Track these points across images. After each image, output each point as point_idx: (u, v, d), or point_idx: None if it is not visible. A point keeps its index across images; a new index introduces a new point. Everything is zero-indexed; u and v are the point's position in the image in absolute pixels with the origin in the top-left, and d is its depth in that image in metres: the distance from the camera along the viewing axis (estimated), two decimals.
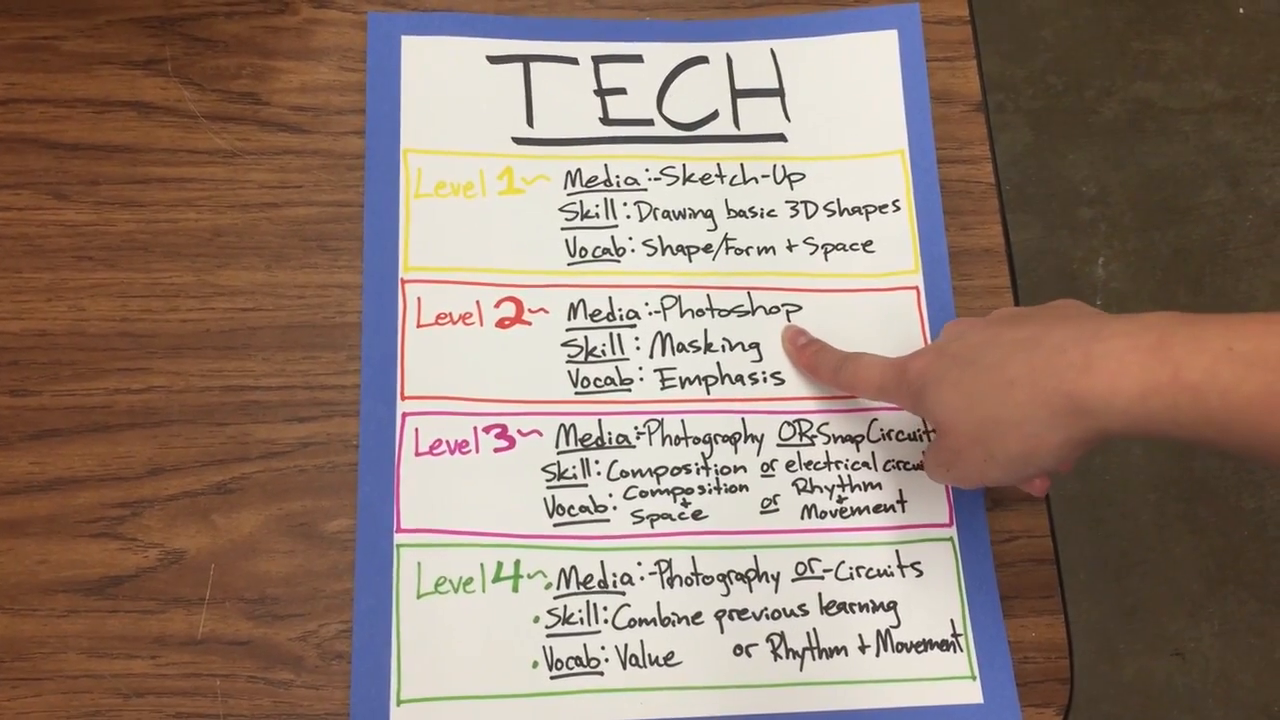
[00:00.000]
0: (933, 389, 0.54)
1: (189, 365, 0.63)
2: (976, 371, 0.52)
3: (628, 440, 0.63)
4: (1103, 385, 0.47)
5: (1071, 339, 0.49)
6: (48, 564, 0.60)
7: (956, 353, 0.54)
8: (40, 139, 0.66)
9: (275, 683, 0.58)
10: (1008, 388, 0.50)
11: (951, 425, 0.53)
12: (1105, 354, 0.47)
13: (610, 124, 0.69)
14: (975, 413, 0.52)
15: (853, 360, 0.61)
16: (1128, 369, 0.46)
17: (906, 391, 0.56)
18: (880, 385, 0.58)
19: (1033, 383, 0.49)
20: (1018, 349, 0.51)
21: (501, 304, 0.65)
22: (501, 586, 0.60)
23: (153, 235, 0.65)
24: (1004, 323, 0.55)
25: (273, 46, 0.69)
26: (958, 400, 0.52)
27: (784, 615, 0.60)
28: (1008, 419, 0.50)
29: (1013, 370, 0.50)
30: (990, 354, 0.52)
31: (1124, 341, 0.47)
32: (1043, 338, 0.50)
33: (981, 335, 0.54)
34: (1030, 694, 0.60)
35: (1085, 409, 0.48)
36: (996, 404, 0.50)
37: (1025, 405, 0.49)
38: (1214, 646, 1.39)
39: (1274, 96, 1.63)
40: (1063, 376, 0.48)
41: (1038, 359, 0.49)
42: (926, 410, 0.55)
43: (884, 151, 0.69)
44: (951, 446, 0.54)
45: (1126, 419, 0.47)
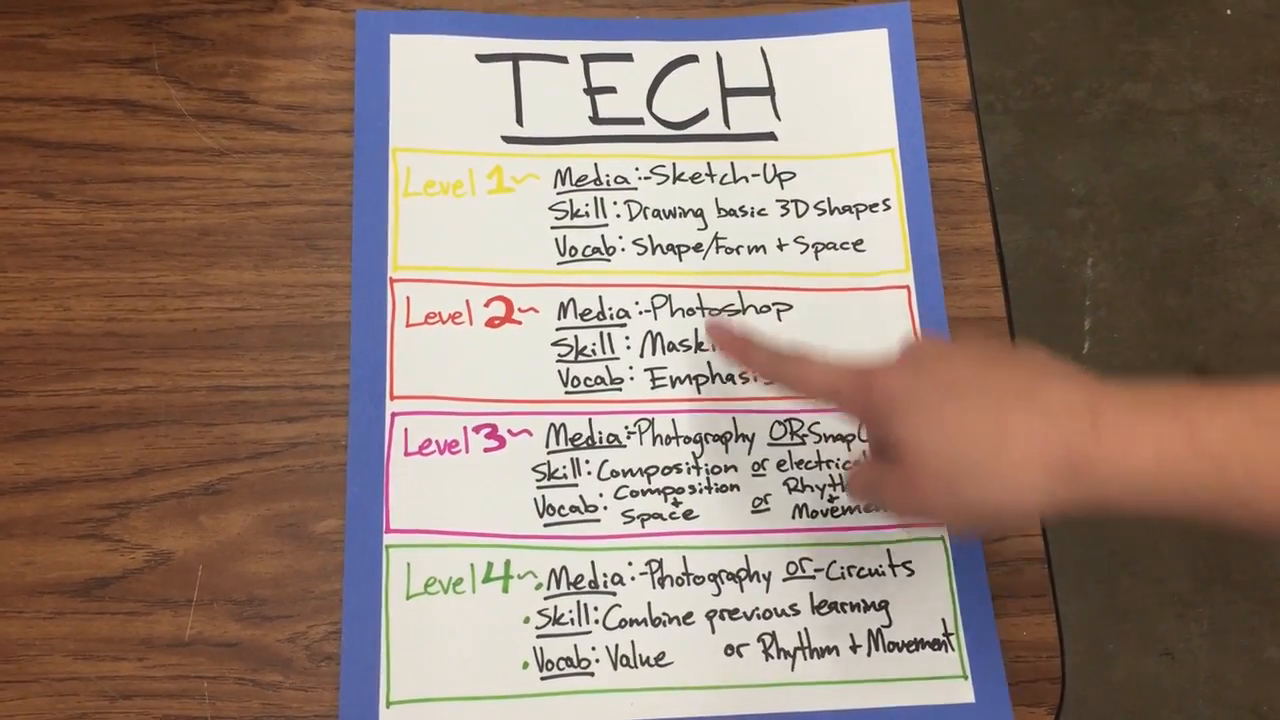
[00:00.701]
0: (906, 413, 0.49)
1: (176, 365, 0.63)
2: (965, 410, 0.48)
3: (618, 440, 0.63)
4: (1113, 449, 0.44)
5: (1079, 399, 0.46)
6: (34, 565, 0.59)
7: (939, 381, 0.50)
8: (26, 137, 0.66)
9: (264, 684, 0.58)
10: (1001, 436, 0.47)
11: (917, 455, 0.49)
12: (1116, 418, 0.45)
13: (600, 123, 0.69)
14: (952, 451, 0.48)
15: (796, 358, 0.55)
16: (1142, 435, 0.44)
17: (865, 405, 0.52)
18: (832, 389, 0.53)
19: (1032, 437, 0.46)
20: (1015, 397, 0.48)
21: (491, 303, 0.65)
22: (492, 587, 0.60)
23: (139, 234, 0.65)
24: (988, 361, 0.51)
25: (260, 45, 0.69)
26: (934, 432, 0.48)
27: (775, 615, 0.60)
28: (992, 468, 0.47)
29: (1010, 420, 0.47)
30: (982, 395, 0.48)
31: (1135, 408, 0.45)
32: (1041, 391, 0.47)
33: (968, 369, 0.50)
34: (1021, 693, 0.60)
35: (1088, 473, 0.45)
36: (983, 450, 0.47)
37: (1018, 459, 0.46)
38: (1203, 647, 1.39)
39: (1262, 98, 1.64)
40: (1069, 437, 0.45)
41: (1038, 412, 0.46)
42: (891, 430, 0.50)
43: (874, 150, 0.69)
44: (909, 476, 0.49)
45: (1133, 488, 0.44)
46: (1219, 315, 1.54)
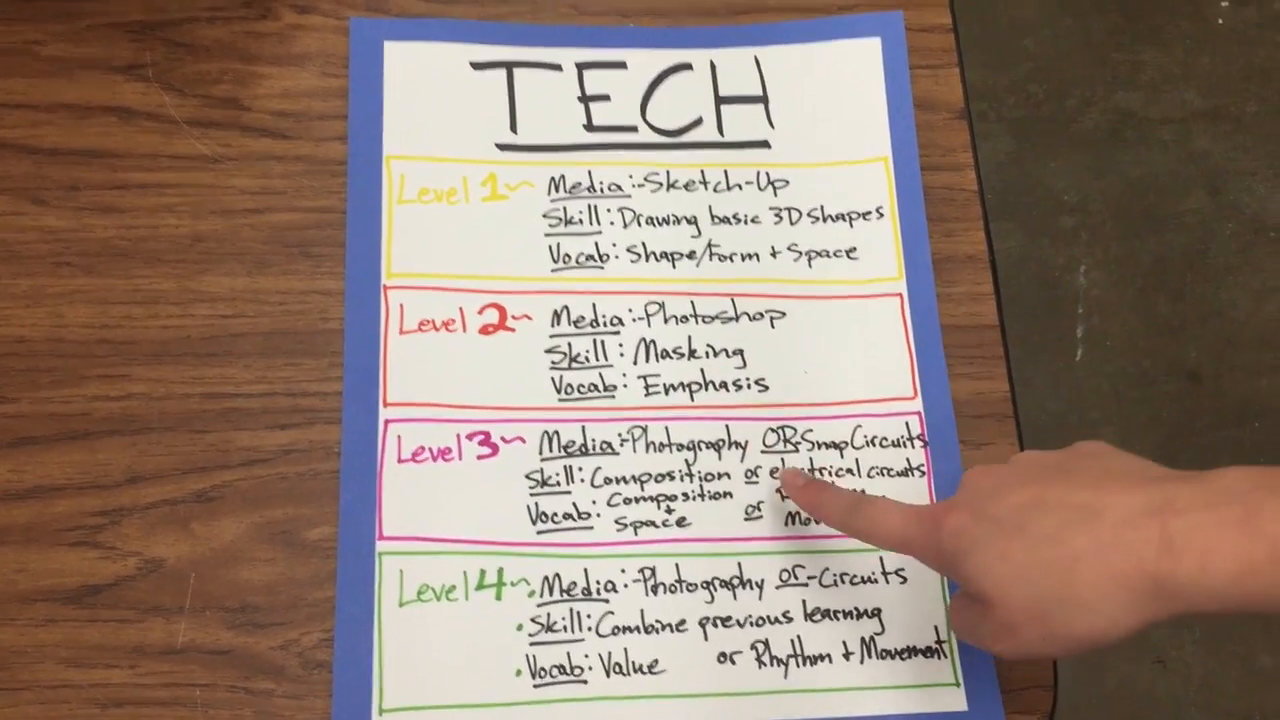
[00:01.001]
0: (974, 556, 0.48)
1: (169, 372, 0.63)
2: (1027, 541, 0.47)
3: (611, 447, 0.63)
4: (1190, 567, 0.43)
5: (1141, 511, 0.45)
6: (25, 573, 0.59)
7: (998, 516, 0.48)
8: (19, 144, 0.66)
9: (256, 692, 0.58)
10: (1072, 564, 0.46)
11: (1001, 599, 0.48)
12: (1188, 531, 0.44)
13: (594, 130, 0.69)
14: (1032, 589, 0.47)
15: (868, 504, 0.55)
16: (1217, 549, 0.43)
17: (937, 551, 0.51)
18: (903, 538, 0.53)
19: (1103, 561, 0.45)
20: (1075, 518, 0.46)
21: (485, 310, 0.65)
22: (484, 594, 0.60)
23: (133, 241, 0.65)
24: (1043, 479, 0.49)
25: (255, 52, 0.69)
26: (1008, 572, 0.47)
27: (768, 622, 0.60)
28: (1074, 599, 0.46)
29: (1075, 544, 0.46)
30: (1041, 521, 0.47)
31: (1206, 516, 0.44)
32: (1102, 506, 0.46)
33: (1023, 495, 0.49)
34: (1014, 700, 0.60)
35: (1171, 591, 0.44)
36: (1060, 582, 0.46)
37: (1097, 585, 0.45)
38: (1196, 655, 1.40)
39: (1253, 106, 1.65)
40: (1141, 555, 0.44)
41: (1104, 533, 0.45)
42: (965, 577, 0.49)
43: (867, 158, 0.69)
44: (1002, 620, 0.48)
45: (1220, 600, 0.43)
46: (1211, 322, 1.55)
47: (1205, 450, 1.48)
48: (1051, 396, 1.50)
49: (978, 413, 0.65)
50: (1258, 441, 1.49)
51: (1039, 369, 1.51)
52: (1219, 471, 0.46)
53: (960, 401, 0.65)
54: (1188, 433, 1.49)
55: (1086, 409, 1.50)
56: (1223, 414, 1.50)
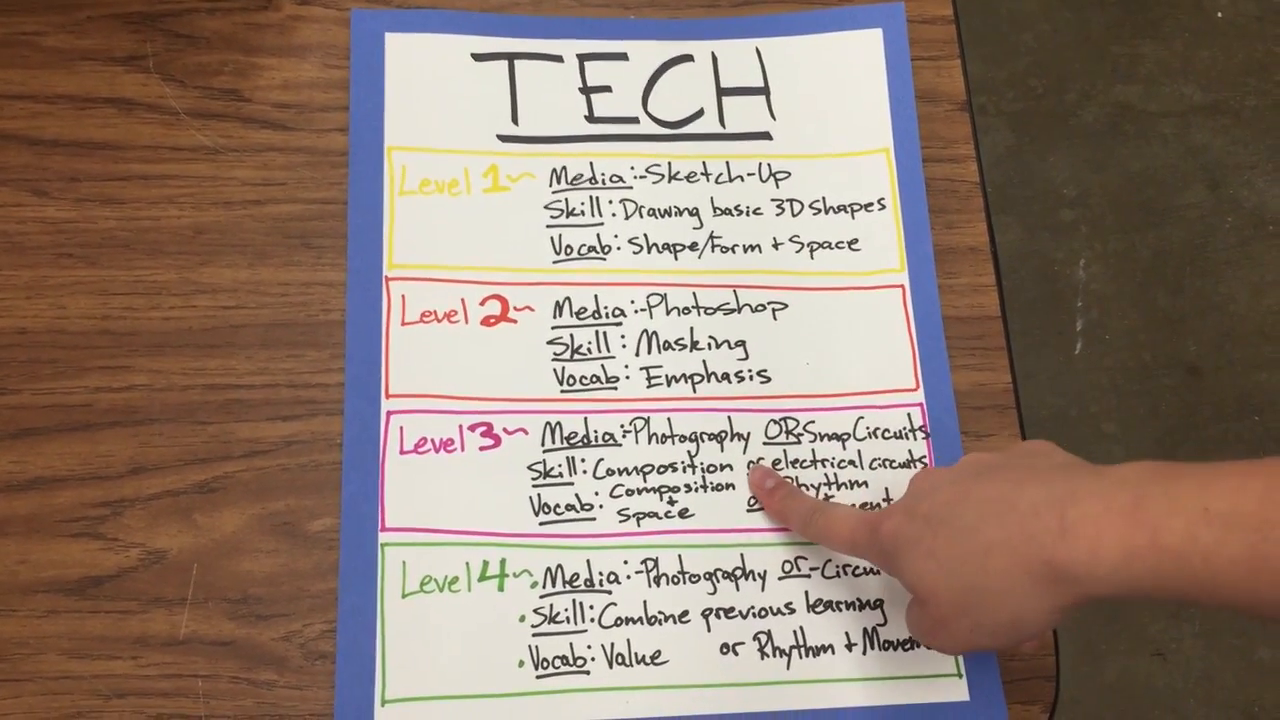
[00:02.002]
0: (906, 554, 0.51)
1: (171, 363, 0.62)
2: (950, 535, 0.50)
3: (614, 439, 0.63)
4: (1082, 552, 0.45)
5: (1044, 501, 0.47)
6: (27, 564, 0.59)
7: (927, 513, 0.51)
8: (20, 135, 0.66)
9: (258, 683, 0.58)
10: (985, 555, 0.48)
11: (931, 594, 0.50)
12: (1080, 519, 0.46)
13: (595, 122, 0.69)
14: (955, 581, 0.49)
15: (823, 512, 0.58)
16: (1105, 535, 0.45)
17: (878, 552, 0.54)
18: (851, 541, 0.56)
19: (1010, 550, 0.47)
20: (990, 511, 0.49)
21: (487, 302, 0.64)
22: (487, 586, 0.60)
23: (134, 233, 0.65)
24: (973, 477, 0.52)
25: (255, 43, 0.69)
26: (934, 568, 0.50)
27: (771, 614, 0.60)
28: (989, 588, 0.48)
29: (988, 536, 0.48)
30: (962, 516, 0.50)
31: (1098, 504, 0.46)
32: (1015, 498, 0.48)
33: (950, 492, 0.51)
34: (1016, 691, 0.60)
35: (1067, 576, 0.46)
36: (976, 572, 0.48)
37: (1006, 574, 0.47)
38: (1195, 647, 1.40)
39: (1252, 100, 1.65)
40: (1041, 543, 0.46)
41: (1012, 523, 0.48)
42: (901, 575, 0.52)
43: (869, 150, 0.69)
44: (934, 616, 0.51)
45: (1110, 584, 0.45)
46: (1210, 316, 1.55)
47: (1205, 443, 1.48)
48: (1051, 390, 1.50)
49: (979, 404, 0.65)
50: (1258, 435, 1.49)
51: (1039, 363, 1.51)
52: (1124, 465, 0.47)
53: (962, 393, 0.65)
54: (1187, 426, 1.49)
55: (1086, 403, 1.50)
56: (1222, 407, 1.50)
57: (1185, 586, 0.44)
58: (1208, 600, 0.44)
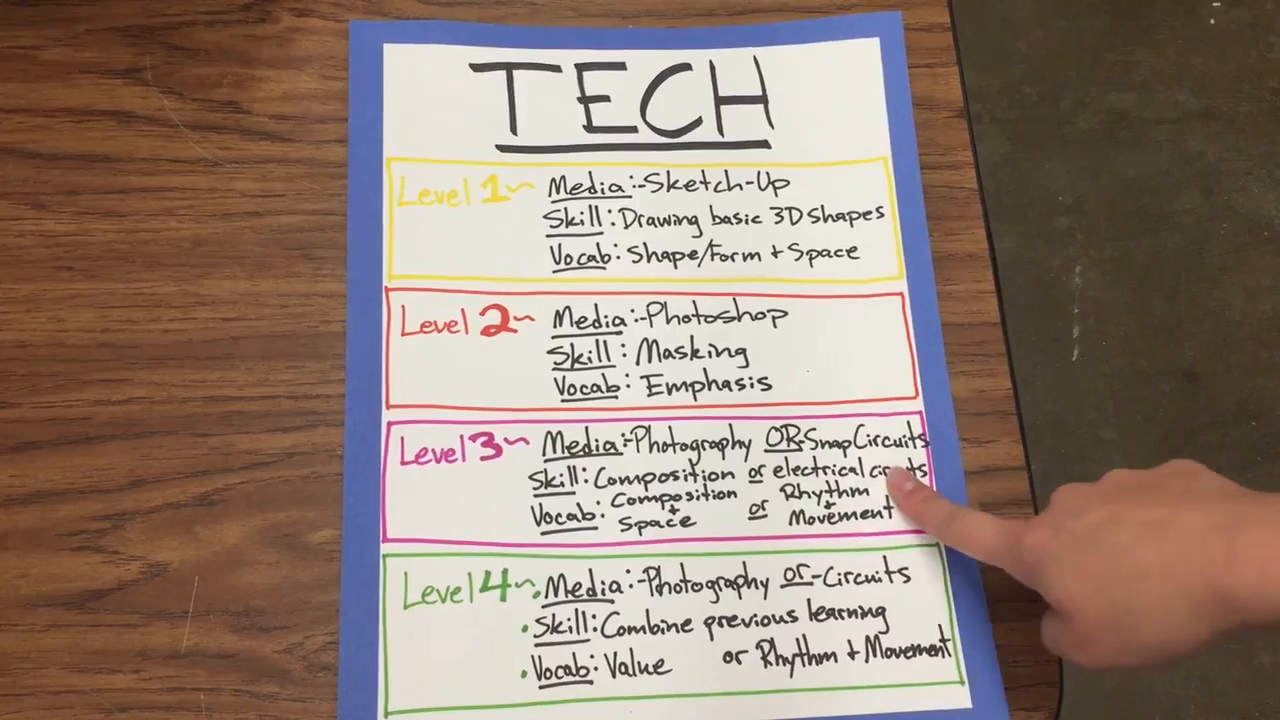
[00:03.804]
0: (1052, 570, 0.51)
1: (171, 376, 0.62)
2: (1101, 555, 0.49)
3: (615, 447, 0.63)
4: (1251, 580, 0.45)
5: (1210, 526, 0.47)
6: (28, 578, 0.59)
7: (1075, 531, 0.51)
8: (19, 148, 0.66)
9: (261, 695, 0.57)
10: (1140, 577, 0.48)
11: (1077, 611, 0.50)
12: (1250, 545, 0.45)
13: (594, 131, 0.69)
14: (1104, 601, 0.49)
15: (963, 517, 0.58)
16: (1276, 563, 0.45)
17: (1020, 565, 0.53)
18: (991, 550, 0.55)
19: (1169, 573, 0.47)
20: (1147, 533, 0.48)
21: (487, 311, 0.65)
22: (489, 596, 0.59)
23: (133, 245, 0.65)
24: (1125, 497, 0.51)
25: (254, 55, 0.69)
26: (1083, 586, 0.50)
27: (773, 622, 0.60)
28: (1142, 610, 0.48)
29: (1144, 558, 0.48)
30: (1115, 536, 0.49)
31: (1269, 532, 0.45)
32: (1173, 522, 0.48)
33: (1101, 513, 0.51)
34: (1019, 698, 0.60)
35: (1232, 603, 0.46)
36: (1127, 593, 0.48)
37: (1162, 597, 0.47)
38: None
39: (1246, 106, 1.65)
40: (1204, 569, 0.46)
41: (1171, 547, 0.47)
42: (1045, 590, 0.52)
43: (867, 158, 0.69)
44: (1080, 632, 0.51)
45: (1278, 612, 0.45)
46: (1207, 322, 1.55)
47: (1203, 449, 1.48)
48: (1048, 397, 1.50)
49: (980, 410, 0.65)
50: (1254, 440, 1.49)
51: (1036, 370, 1.52)
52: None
53: (962, 400, 0.65)
54: (1185, 432, 1.49)
55: (1084, 409, 1.50)
56: (1219, 413, 1.51)
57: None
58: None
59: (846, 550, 0.62)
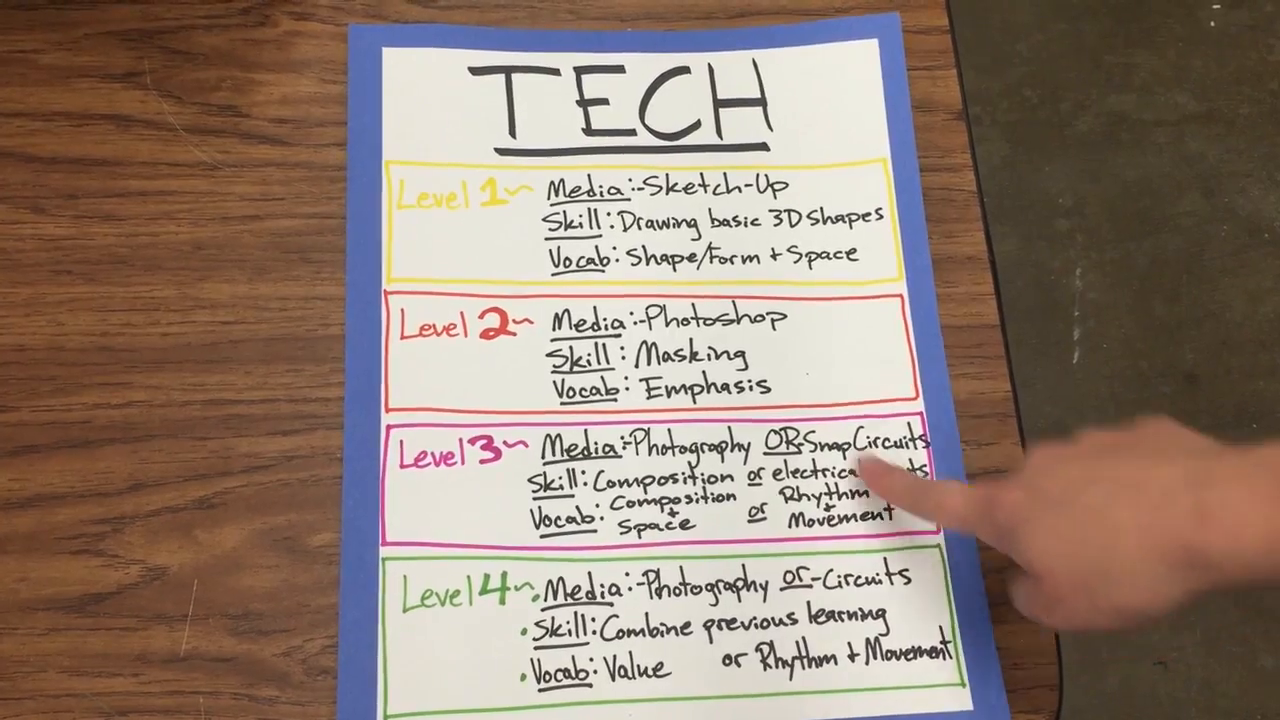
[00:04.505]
0: (1025, 532, 0.50)
1: (170, 379, 0.62)
2: (1075, 515, 0.49)
3: (614, 450, 0.63)
4: (1223, 538, 0.44)
5: (1181, 483, 0.46)
6: (27, 582, 0.59)
7: (1048, 492, 0.50)
8: (18, 152, 0.66)
9: (260, 699, 0.57)
10: (1113, 536, 0.47)
11: (1049, 572, 0.49)
12: (1222, 503, 0.45)
13: (593, 134, 0.69)
14: (1077, 562, 0.48)
15: (934, 488, 0.58)
16: (1249, 520, 0.44)
17: (993, 529, 0.52)
18: (963, 517, 0.55)
19: (1142, 533, 0.46)
20: (1120, 492, 0.48)
21: (486, 315, 0.65)
22: (489, 599, 0.59)
23: (132, 249, 0.65)
24: (1098, 456, 0.51)
25: (253, 59, 0.69)
26: (1056, 546, 0.49)
27: (773, 624, 0.60)
28: (1116, 570, 0.47)
29: (1118, 517, 0.47)
30: (1088, 496, 0.49)
31: (1241, 488, 0.45)
32: (1146, 480, 0.47)
33: (1075, 471, 0.50)
34: (1020, 700, 0.60)
35: (1205, 562, 0.45)
36: (1101, 553, 0.48)
37: (1136, 557, 0.47)
38: (1197, 655, 1.40)
39: (1246, 108, 1.65)
40: (1177, 528, 0.45)
41: (1145, 506, 0.47)
42: (1018, 553, 0.51)
43: (866, 160, 0.69)
44: (1052, 594, 0.50)
45: (1251, 570, 0.44)
46: (1207, 324, 1.55)
47: None
48: (1049, 399, 1.50)
49: (979, 412, 0.65)
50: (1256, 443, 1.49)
51: (1036, 372, 1.52)
52: (1264, 446, 0.46)
53: (962, 401, 0.65)
54: None
55: (1084, 411, 1.50)
56: (1220, 415, 1.50)
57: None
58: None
59: (846, 552, 0.62)
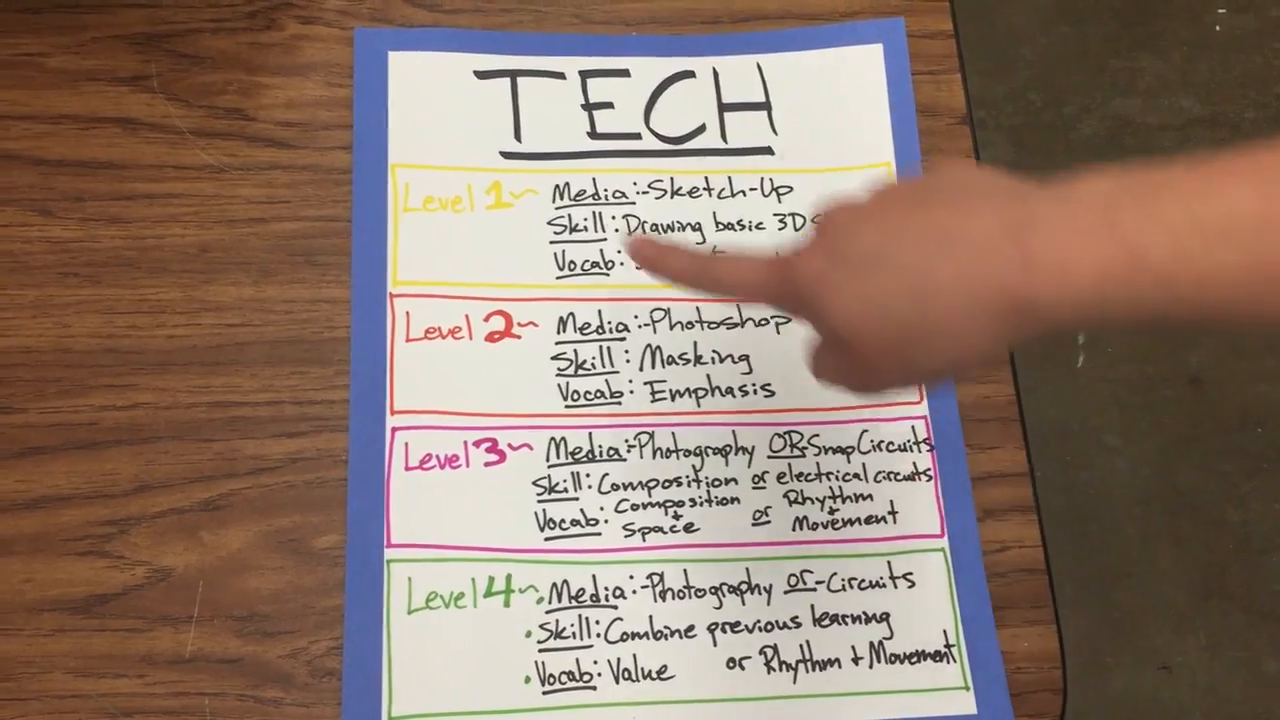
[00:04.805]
0: (831, 298, 0.45)
1: (176, 381, 0.63)
2: (884, 277, 0.44)
3: (618, 453, 0.63)
4: (1049, 283, 0.41)
5: (1000, 231, 0.42)
6: (33, 583, 0.59)
7: (852, 253, 0.45)
8: (25, 155, 0.66)
9: (265, 700, 0.58)
10: (932, 295, 0.43)
11: (860, 338, 0.45)
12: (1045, 247, 0.41)
13: (598, 138, 0.69)
14: (889, 324, 0.44)
15: (719, 259, 0.51)
16: (1076, 261, 0.40)
17: (791, 297, 0.47)
18: (759, 286, 0.49)
19: (963, 288, 0.42)
20: (933, 246, 0.43)
21: (491, 318, 0.65)
22: (493, 601, 0.60)
23: (139, 251, 0.65)
24: (901, 209, 0.46)
25: (259, 62, 0.69)
26: (865, 311, 0.44)
27: (777, 627, 0.60)
28: (934, 328, 0.43)
29: (935, 273, 0.43)
30: (899, 253, 0.44)
31: (1064, 230, 0.41)
32: (959, 230, 0.43)
33: (878, 229, 0.45)
34: (1023, 704, 0.60)
35: (1031, 310, 0.42)
36: (917, 313, 0.43)
37: (957, 313, 0.43)
38: (1200, 660, 1.39)
39: (1251, 112, 1.65)
40: (1001, 278, 0.42)
41: (964, 258, 0.43)
42: (824, 321, 0.46)
43: (871, 164, 0.69)
44: (864, 358, 0.46)
45: (1079, 312, 0.41)
46: None
47: (1208, 456, 1.48)
48: (1053, 404, 1.50)
49: (983, 416, 0.65)
50: (1260, 447, 1.49)
51: (1041, 376, 1.51)
52: (1078, 180, 0.43)
53: (966, 405, 0.65)
54: (1190, 439, 1.49)
55: (1088, 415, 1.50)
56: (1224, 420, 1.50)
57: (1169, 308, 0.40)
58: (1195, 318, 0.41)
59: (850, 556, 0.62)
